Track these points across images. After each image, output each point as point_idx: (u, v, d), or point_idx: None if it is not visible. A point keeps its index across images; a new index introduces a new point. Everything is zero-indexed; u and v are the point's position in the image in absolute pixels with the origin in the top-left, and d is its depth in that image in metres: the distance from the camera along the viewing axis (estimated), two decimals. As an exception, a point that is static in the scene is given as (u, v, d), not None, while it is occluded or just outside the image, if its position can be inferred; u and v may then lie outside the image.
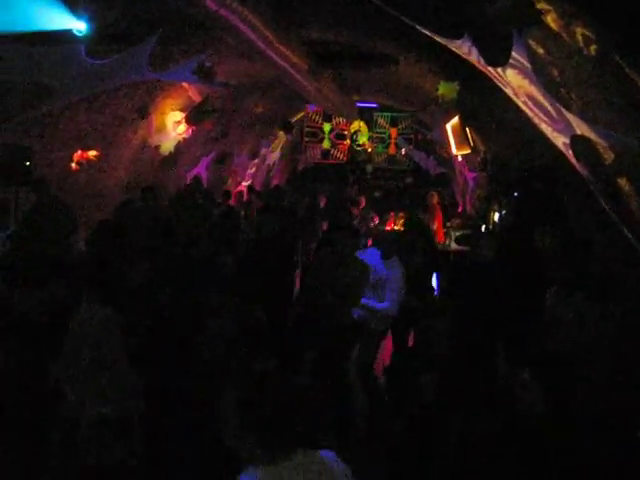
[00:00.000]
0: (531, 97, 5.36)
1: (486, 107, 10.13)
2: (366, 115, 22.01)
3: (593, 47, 3.78)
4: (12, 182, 8.15)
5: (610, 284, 5.77)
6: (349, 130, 22.76)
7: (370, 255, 7.49)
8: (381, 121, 22.66)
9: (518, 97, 5.83)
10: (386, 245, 7.48)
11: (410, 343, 7.47)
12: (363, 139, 22.58)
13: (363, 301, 7.16)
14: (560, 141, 5.57)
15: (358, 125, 22.35)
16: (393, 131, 22.71)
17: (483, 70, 6.15)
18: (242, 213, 13.39)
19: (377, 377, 7.41)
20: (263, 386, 2.53)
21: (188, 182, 14.20)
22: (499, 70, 5.53)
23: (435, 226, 13.46)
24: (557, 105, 4.85)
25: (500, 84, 6.09)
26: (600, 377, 4.81)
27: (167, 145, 12.40)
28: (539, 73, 4.67)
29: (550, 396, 3.97)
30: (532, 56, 4.62)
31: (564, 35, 4.01)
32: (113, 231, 6.27)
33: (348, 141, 22.95)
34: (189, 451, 4.68)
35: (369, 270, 7.05)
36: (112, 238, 6.08)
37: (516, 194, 9.99)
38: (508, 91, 6.06)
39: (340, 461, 2.67)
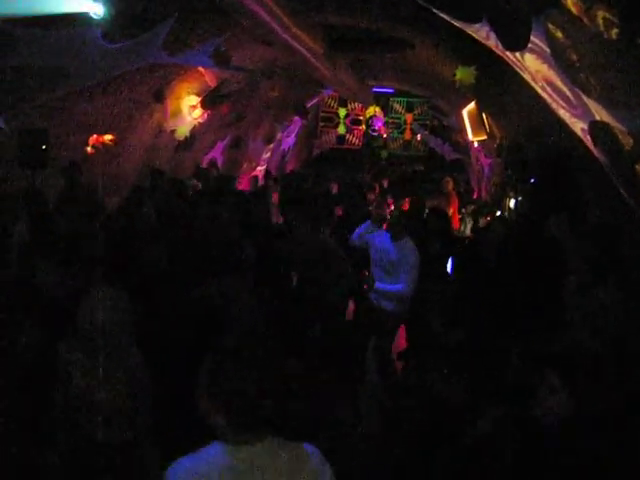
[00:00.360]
0: (549, 82, 5.31)
1: (503, 92, 10.05)
2: (382, 100, 21.93)
3: (614, 31, 3.73)
4: (29, 165, 8.17)
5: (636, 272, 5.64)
6: (364, 115, 22.69)
7: (382, 238, 7.45)
8: (397, 106, 22.61)
9: (536, 82, 5.78)
10: (394, 227, 7.41)
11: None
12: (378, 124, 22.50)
13: (377, 285, 7.15)
14: (578, 127, 5.51)
15: (374, 110, 22.28)
16: (409, 117, 22.67)
17: (501, 55, 6.09)
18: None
19: (393, 360, 7.40)
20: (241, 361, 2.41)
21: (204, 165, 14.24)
22: (517, 55, 5.48)
23: (450, 212, 13.40)
24: (576, 90, 4.80)
25: (518, 69, 6.04)
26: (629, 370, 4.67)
27: (183, 129, 12.40)
28: (558, 57, 4.61)
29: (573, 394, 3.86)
30: (551, 40, 4.56)
31: (584, 19, 3.96)
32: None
33: (363, 126, 22.89)
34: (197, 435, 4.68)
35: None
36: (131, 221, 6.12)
37: (532, 180, 9.92)
38: (526, 76, 6.01)
39: (321, 456, 2.55)
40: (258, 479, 2.35)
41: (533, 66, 5.33)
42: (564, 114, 5.60)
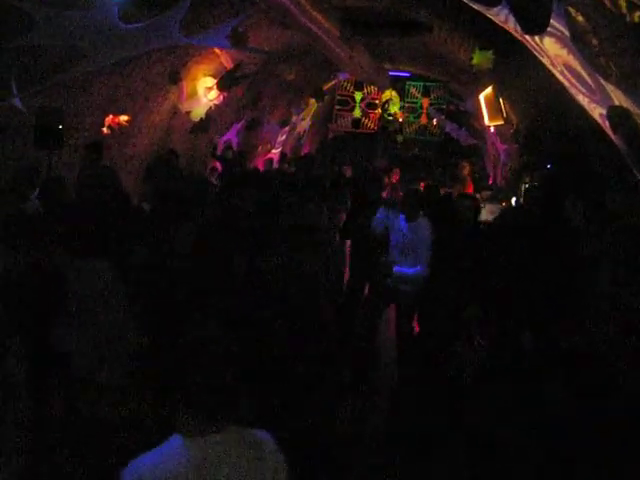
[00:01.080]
0: (568, 67, 5.25)
1: (521, 77, 9.98)
2: (398, 84, 21.79)
3: (638, 14, 3.68)
4: (45, 145, 8.18)
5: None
6: (380, 99, 22.57)
7: (399, 220, 7.40)
8: (413, 90, 22.46)
9: (555, 67, 5.72)
10: (406, 208, 7.36)
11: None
12: (394, 108, 22.37)
13: (395, 269, 7.13)
14: (597, 112, 5.46)
15: (390, 94, 22.14)
16: (425, 101, 22.51)
17: (520, 39, 6.03)
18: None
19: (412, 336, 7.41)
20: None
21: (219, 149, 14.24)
22: (536, 39, 5.42)
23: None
24: (595, 75, 4.75)
25: (537, 53, 5.98)
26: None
27: (198, 111, 12.39)
28: (578, 41, 4.56)
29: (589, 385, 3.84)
30: (571, 24, 4.51)
31: (606, 2, 3.91)
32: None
33: (379, 110, 22.78)
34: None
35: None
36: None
37: (548, 166, 9.86)
38: (545, 60, 5.94)
39: (275, 444, 2.53)
40: (217, 470, 2.33)
41: (552, 50, 5.27)
42: (582, 99, 5.55)
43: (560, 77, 5.77)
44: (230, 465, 2.35)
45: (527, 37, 5.60)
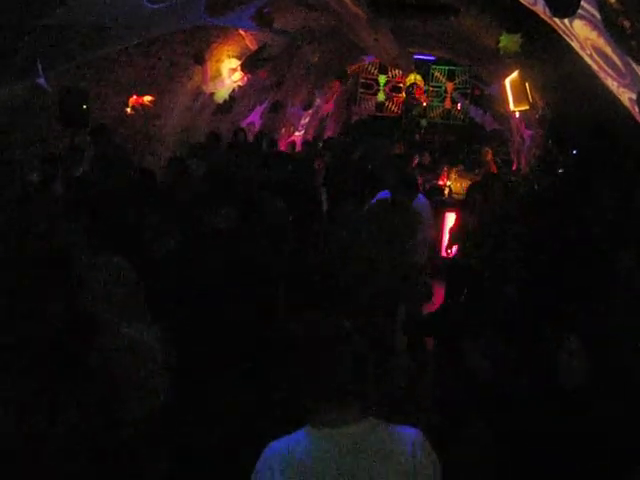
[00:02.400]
0: (598, 50, 5.17)
1: (548, 61, 9.86)
2: (423, 68, 21.66)
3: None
4: (69, 125, 8.22)
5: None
6: (404, 83, 22.44)
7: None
8: (437, 74, 22.32)
9: (584, 50, 5.64)
10: (394, 190, 7.26)
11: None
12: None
13: None
14: (626, 97, 5.38)
15: (414, 78, 22.01)
16: (449, 85, 22.36)
17: (548, 21, 5.95)
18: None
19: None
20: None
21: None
22: (566, 21, 5.34)
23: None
24: (626, 58, 4.67)
25: (566, 36, 5.89)
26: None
27: (222, 92, 12.36)
28: (609, 24, 4.49)
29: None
30: (603, 6, 4.44)
31: (639, -17, 3.86)
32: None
33: (403, 94, 22.66)
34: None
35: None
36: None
37: (574, 152, 9.77)
38: (574, 44, 5.86)
39: (424, 442, 2.35)
40: (342, 463, 2.26)
41: (582, 33, 5.19)
42: (612, 83, 5.47)
43: (589, 61, 5.69)
44: (358, 458, 2.27)
45: (556, 20, 5.52)
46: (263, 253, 5.30)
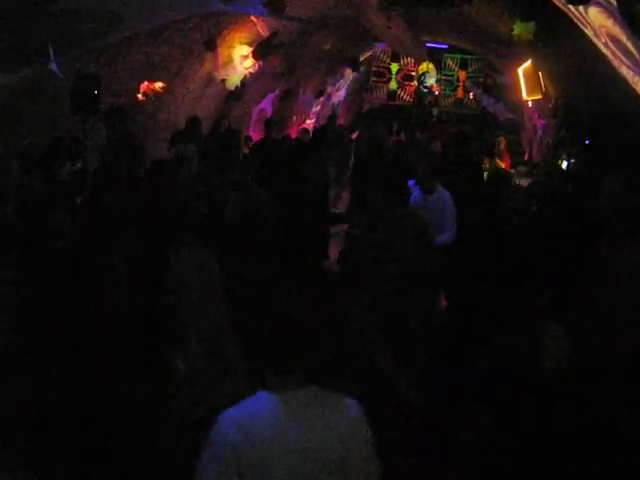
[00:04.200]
0: (613, 38, 5.13)
1: (562, 50, 9.79)
2: (435, 56, 21.52)
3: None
4: (80, 111, 8.20)
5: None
6: (417, 71, 22.32)
7: (417, 193, 7.24)
8: (450, 63, 22.17)
9: (599, 38, 5.59)
10: (423, 180, 7.18)
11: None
12: (431, 81, 22.09)
13: None
14: (640, 86, 5.35)
15: (426, 66, 21.87)
16: (462, 74, 22.22)
17: (563, 9, 5.90)
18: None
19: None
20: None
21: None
22: (581, 9, 5.30)
23: (502, 172, 13.18)
24: (641, 46, 4.64)
25: (580, 24, 5.84)
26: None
27: (233, 79, 12.33)
28: (625, 11, 4.45)
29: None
30: (618, -7, 4.41)
31: (656, -30, 3.81)
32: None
33: (415, 82, 22.53)
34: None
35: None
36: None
37: (587, 141, 9.70)
38: (588, 32, 5.82)
39: (360, 410, 2.54)
40: (298, 424, 2.40)
41: (597, 21, 5.15)
42: (626, 72, 5.42)
43: (603, 49, 5.65)
44: (307, 421, 2.42)
45: (571, 7, 5.48)
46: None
